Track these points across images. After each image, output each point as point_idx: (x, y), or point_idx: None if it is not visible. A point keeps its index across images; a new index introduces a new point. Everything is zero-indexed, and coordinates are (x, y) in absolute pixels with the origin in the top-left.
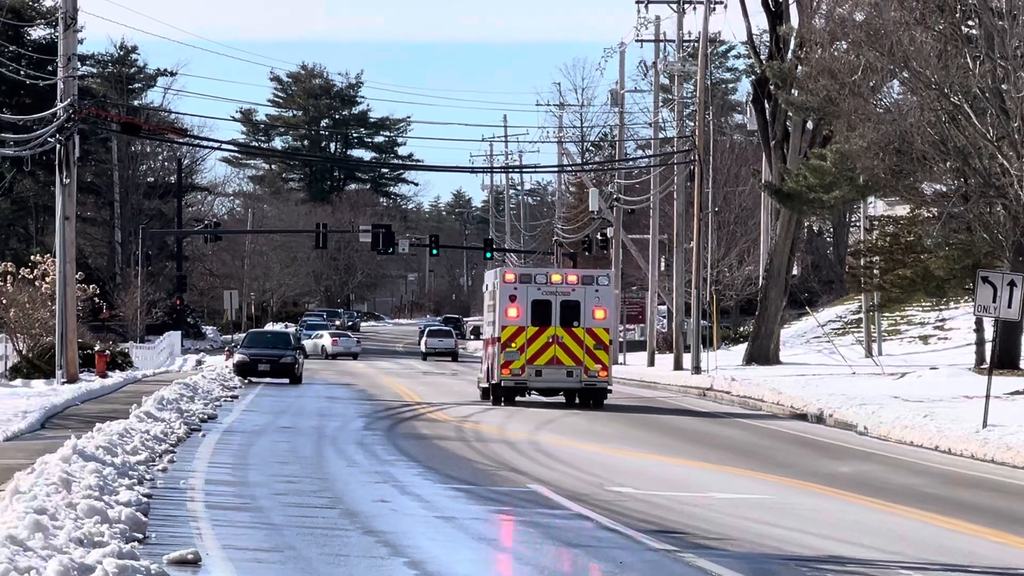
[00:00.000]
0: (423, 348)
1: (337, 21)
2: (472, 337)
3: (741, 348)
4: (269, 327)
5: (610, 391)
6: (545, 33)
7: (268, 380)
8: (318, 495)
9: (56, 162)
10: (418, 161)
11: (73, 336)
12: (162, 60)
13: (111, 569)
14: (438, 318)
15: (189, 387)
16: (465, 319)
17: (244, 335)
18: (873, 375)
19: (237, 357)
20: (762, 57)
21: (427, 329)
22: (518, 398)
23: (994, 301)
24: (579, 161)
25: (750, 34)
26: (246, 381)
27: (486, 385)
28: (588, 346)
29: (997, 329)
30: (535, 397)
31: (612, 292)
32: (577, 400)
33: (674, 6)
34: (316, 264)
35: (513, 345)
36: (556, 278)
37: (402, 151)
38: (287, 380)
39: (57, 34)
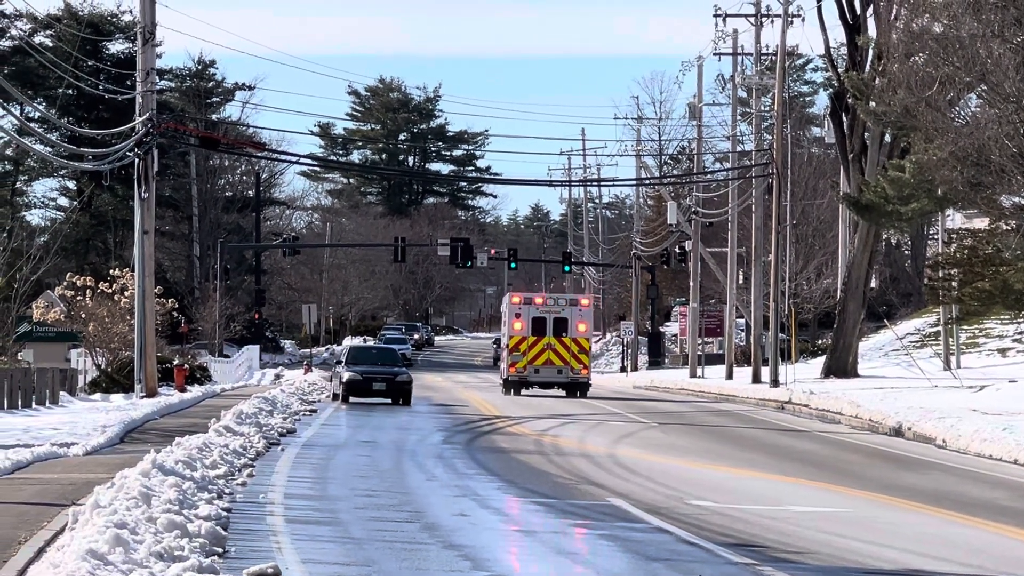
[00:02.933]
0: (494, 355)
1: (415, 35)
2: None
3: (819, 361)
4: (347, 341)
5: (590, 385)
6: (623, 47)
7: (379, 400)
8: (398, 509)
9: (135, 176)
10: (496, 174)
11: (152, 350)
12: (240, 74)
13: None
14: None
15: (268, 401)
16: None
17: (346, 351)
18: (952, 388)
19: (346, 376)
20: (839, 70)
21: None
22: (523, 391)
23: None
24: (657, 174)
25: (828, 47)
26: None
27: (501, 381)
28: (573, 351)
29: None
30: (536, 391)
31: (591, 311)
32: (565, 392)
33: (752, 20)
34: (395, 278)
35: (518, 350)
36: (550, 301)
37: (480, 164)
38: (400, 402)
39: (136, 49)
